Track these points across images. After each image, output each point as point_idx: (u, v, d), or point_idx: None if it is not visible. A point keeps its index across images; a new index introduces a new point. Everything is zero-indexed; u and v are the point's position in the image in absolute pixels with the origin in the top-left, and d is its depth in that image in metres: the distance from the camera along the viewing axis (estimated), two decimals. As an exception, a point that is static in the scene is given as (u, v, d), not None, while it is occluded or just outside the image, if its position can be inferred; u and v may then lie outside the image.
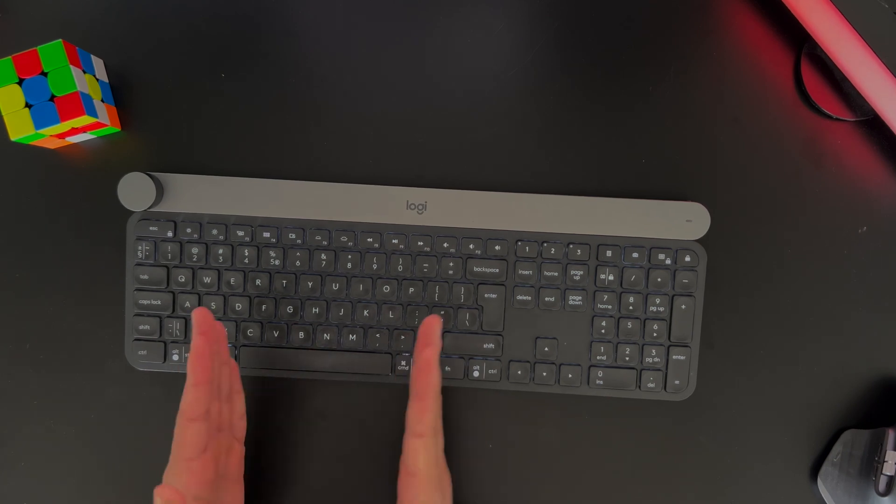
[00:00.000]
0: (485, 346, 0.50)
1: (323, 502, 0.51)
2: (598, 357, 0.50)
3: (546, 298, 0.50)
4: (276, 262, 0.50)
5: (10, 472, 0.51)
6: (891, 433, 0.47)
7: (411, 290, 0.50)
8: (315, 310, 0.50)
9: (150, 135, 0.52)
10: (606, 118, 0.51)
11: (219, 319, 0.50)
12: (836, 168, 0.51)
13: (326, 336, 0.50)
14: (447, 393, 0.51)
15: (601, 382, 0.50)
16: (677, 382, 0.50)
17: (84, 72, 0.48)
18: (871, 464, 0.47)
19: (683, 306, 0.50)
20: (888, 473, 0.46)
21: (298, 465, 0.51)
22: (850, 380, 0.51)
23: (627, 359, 0.50)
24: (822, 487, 0.49)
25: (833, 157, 0.51)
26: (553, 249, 0.50)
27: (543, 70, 0.51)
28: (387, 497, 0.51)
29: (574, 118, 0.51)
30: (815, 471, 0.50)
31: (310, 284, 0.50)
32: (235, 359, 0.50)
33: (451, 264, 0.50)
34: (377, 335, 0.50)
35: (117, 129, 0.51)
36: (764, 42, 0.51)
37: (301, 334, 0.50)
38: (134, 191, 0.49)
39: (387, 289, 0.50)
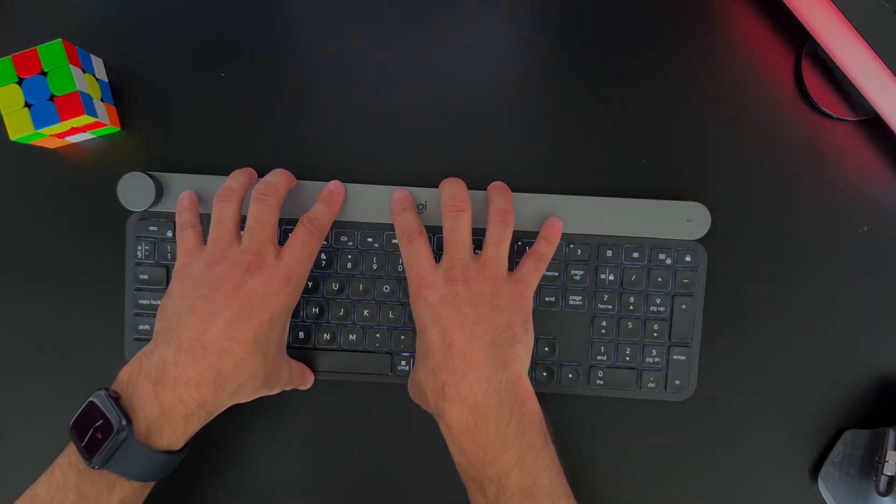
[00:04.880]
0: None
1: (323, 502, 0.51)
2: (598, 357, 0.50)
3: (546, 298, 0.50)
4: (276, 262, 0.50)
5: (10, 473, 0.51)
6: (891, 433, 0.46)
7: (411, 289, 0.50)
8: (315, 309, 0.50)
9: (150, 135, 0.52)
10: (606, 118, 0.51)
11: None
12: (836, 168, 0.51)
13: (326, 336, 0.50)
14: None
15: (601, 382, 0.50)
16: (677, 382, 0.50)
17: (84, 71, 0.48)
18: (871, 464, 0.47)
19: (684, 306, 0.49)
20: (889, 473, 0.46)
21: (298, 465, 0.51)
22: (850, 380, 0.51)
23: (628, 359, 0.50)
24: (823, 487, 0.49)
25: (833, 157, 0.51)
26: (553, 249, 0.50)
27: (543, 70, 0.51)
28: (386, 497, 0.51)
29: (574, 118, 0.51)
30: (815, 471, 0.50)
31: (309, 284, 0.50)
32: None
33: (451, 264, 0.50)
34: (377, 335, 0.50)
35: (117, 128, 0.51)
36: (764, 41, 0.51)
37: (301, 334, 0.50)
38: (133, 191, 0.49)
39: (387, 288, 0.50)
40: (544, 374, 0.50)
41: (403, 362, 0.50)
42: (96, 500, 0.39)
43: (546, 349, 0.50)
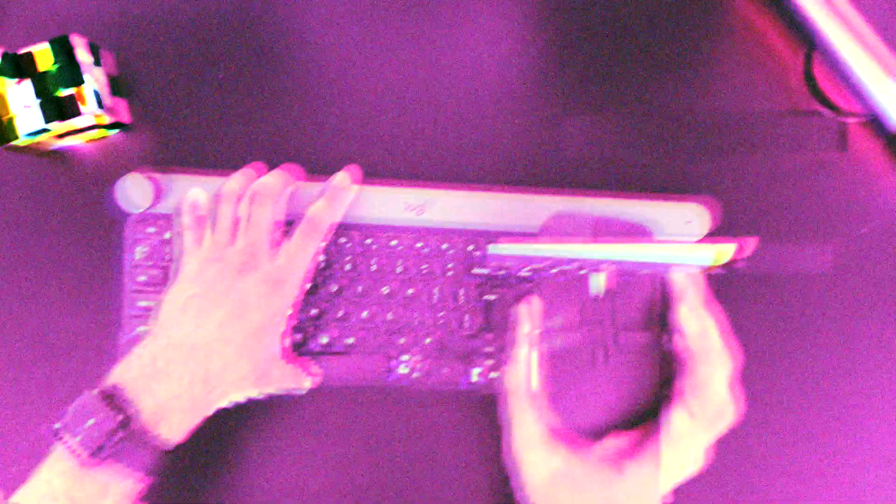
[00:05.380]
0: (485, 348, 0.50)
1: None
2: (599, 358, 0.49)
3: (546, 299, 0.49)
4: (275, 263, 0.50)
5: (10, 474, 0.51)
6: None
7: (410, 290, 0.49)
8: (313, 311, 0.50)
9: (150, 135, 0.52)
10: (607, 117, 0.51)
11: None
12: (837, 168, 0.51)
13: (324, 338, 0.50)
14: (447, 397, 0.51)
15: (602, 384, 0.49)
16: (678, 384, 0.49)
17: (86, 71, 0.48)
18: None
19: (684, 307, 0.49)
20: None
21: (293, 469, 0.51)
22: (850, 380, 0.50)
23: (628, 360, 0.49)
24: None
25: (834, 157, 0.51)
26: (553, 250, 0.49)
27: (543, 69, 0.51)
28: (385, 500, 0.51)
29: (574, 117, 0.51)
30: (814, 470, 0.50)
31: (308, 285, 0.50)
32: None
33: (451, 265, 0.49)
34: (376, 337, 0.50)
35: (116, 129, 0.51)
36: (767, 39, 0.51)
37: (298, 336, 0.50)
38: (132, 192, 0.49)
39: (386, 290, 0.50)
40: (544, 375, 0.50)
41: (402, 365, 0.50)
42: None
43: (546, 351, 0.49)
